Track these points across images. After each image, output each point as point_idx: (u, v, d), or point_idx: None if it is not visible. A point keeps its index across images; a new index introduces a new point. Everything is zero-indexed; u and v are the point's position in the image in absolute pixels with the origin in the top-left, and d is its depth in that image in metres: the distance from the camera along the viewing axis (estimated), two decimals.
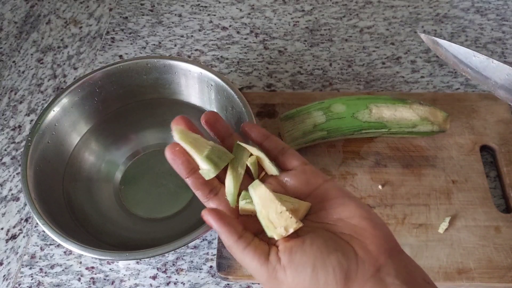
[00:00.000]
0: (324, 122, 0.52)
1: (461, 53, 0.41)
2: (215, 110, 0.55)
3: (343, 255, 0.32)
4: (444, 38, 0.68)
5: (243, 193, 0.36)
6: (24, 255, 0.52)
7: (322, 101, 0.53)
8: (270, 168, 0.37)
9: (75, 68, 0.68)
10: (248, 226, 0.35)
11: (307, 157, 0.55)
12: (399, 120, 0.52)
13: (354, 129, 0.52)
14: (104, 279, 0.50)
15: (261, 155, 0.37)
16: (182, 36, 0.70)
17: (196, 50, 0.69)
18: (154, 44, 0.70)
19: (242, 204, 0.35)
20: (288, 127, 0.52)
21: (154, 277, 0.50)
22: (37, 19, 0.74)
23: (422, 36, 0.43)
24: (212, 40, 0.70)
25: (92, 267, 0.51)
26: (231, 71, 0.66)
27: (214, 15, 0.73)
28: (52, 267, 0.51)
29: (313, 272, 0.31)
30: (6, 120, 0.63)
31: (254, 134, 0.39)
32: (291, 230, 0.33)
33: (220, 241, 0.50)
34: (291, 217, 0.33)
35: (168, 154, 0.37)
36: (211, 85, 0.53)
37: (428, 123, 0.53)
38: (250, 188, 0.35)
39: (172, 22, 0.72)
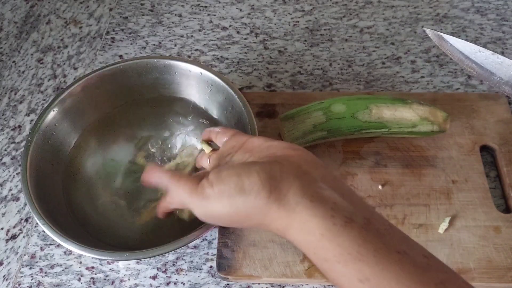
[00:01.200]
0: (324, 122, 0.52)
1: (467, 49, 0.42)
2: (215, 110, 0.55)
3: (265, 163, 0.34)
4: None
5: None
6: (24, 255, 0.52)
7: (322, 101, 0.53)
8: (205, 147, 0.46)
9: (75, 68, 0.68)
10: None
11: None
12: (399, 120, 0.52)
13: (354, 129, 0.52)
14: (104, 279, 0.50)
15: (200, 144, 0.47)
16: (182, 36, 0.70)
17: (196, 50, 0.69)
18: (154, 44, 0.70)
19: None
20: (288, 127, 0.52)
21: (154, 277, 0.50)
22: (37, 19, 0.74)
23: (428, 31, 0.44)
24: (212, 40, 0.70)
25: (92, 267, 0.51)
26: (231, 71, 0.66)
27: (214, 15, 0.73)
28: (52, 267, 0.51)
29: (238, 179, 0.33)
30: (6, 120, 0.63)
31: (203, 134, 0.46)
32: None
33: (220, 241, 0.50)
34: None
35: None
36: (211, 85, 0.53)
37: (428, 123, 0.53)
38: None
39: (172, 22, 0.72)
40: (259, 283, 0.49)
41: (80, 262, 0.51)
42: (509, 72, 0.39)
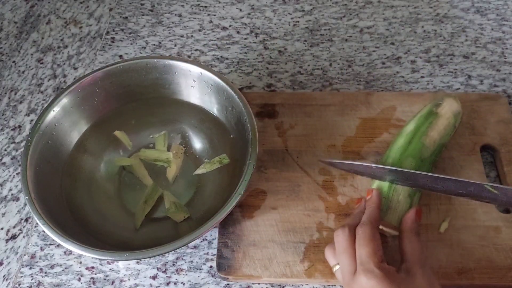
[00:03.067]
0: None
1: (348, 166, 0.49)
2: (215, 110, 0.55)
3: None
4: (444, 38, 0.68)
5: None
6: (24, 255, 0.52)
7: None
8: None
9: (75, 68, 0.68)
10: None
11: (307, 157, 0.56)
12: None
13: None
14: (104, 279, 0.50)
15: None
16: (182, 36, 0.70)
17: (196, 50, 0.69)
18: (154, 44, 0.70)
19: None
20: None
21: (154, 277, 0.50)
22: (37, 19, 0.74)
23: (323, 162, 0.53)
24: (212, 40, 0.70)
25: (92, 267, 0.51)
26: (231, 71, 0.66)
27: (214, 15, 0.73)
28: (52, 267, 0.51)
29: None
30: (6, 120, 0.63)
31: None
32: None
33: (220, 241, 0.50)
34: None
35: None
36: (211, 85, 0.53)
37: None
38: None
39: (172, 22, 0.72)
40: (259, 283, 0.49)
41: (80, 262, 0.51)
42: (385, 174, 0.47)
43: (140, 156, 0.56)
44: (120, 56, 0.69)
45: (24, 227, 0.55)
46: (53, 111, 0.51)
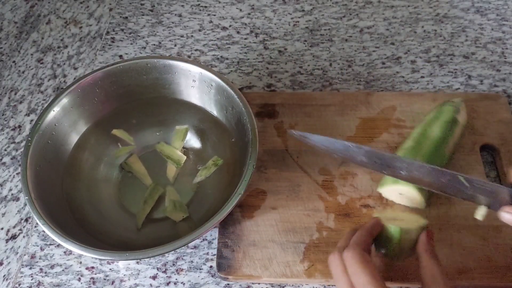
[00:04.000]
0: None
1: (323, 142, 0.47)
2: (215, 110, 0.55)
3: None
4: (444, 38, 0.68)
5: None
6: (24, 255, 0.52)
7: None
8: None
9: (75, 68, 0.68)
10: None
11: (307, 157, 0.56)
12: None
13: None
14: (104, 279, 0.50)
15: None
16: (182, 36, 0.70)
17: (196, 50, 0.69)
18: (154, 44, 0.70)
19: None
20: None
21: (154, 277, 0.50)
22: (37, 19, 0.74)
23: (293, 132, 0.49)
24: (212, 40, 0.70)
25: (92, 267, 0.51)
26: (231, 71, 0.66)
27: (214, 15, 0.73)
28: (52, 267, 0.51)
29: None
30: (6, 120, 0.63)
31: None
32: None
33: (220, 241, 0.50)
34: None
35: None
36: (211, 85, 0.53)
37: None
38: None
39: (172, 22, 0.72)
40: (259, 283, 0.49)
41: (80, 262, 0.51)
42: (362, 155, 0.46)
43: (157, 147, 0.56)
44: (120, 56, 0.69)
45: (24, 227, 0.55)
46: (53, 111, 0.51)
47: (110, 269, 0.51)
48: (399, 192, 0.50)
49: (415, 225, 0.44)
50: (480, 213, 0.44)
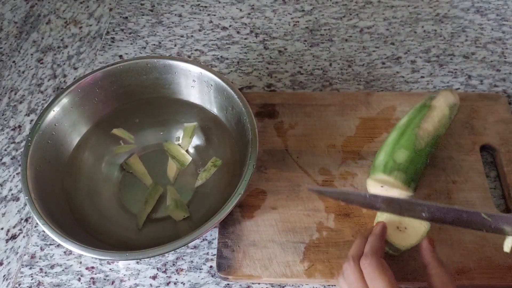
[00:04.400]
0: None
1: (340, 195, 0.47)
2: (215, 110, 0.55)
3: None
4: (444, 38, 0.68)
5: None
6: (24, 255, 0.52)
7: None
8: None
9: (75, 68, 0.68)
10: None
11: (307, 157, 0.56)
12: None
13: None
14: (104, 279, 0.50)
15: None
16: (182, 36, 0.70)
17: (196, 50, 0.69)
18: (154, 44, 0.70)
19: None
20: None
21: (154, 277, 0.50)
22: (37, 19, 0.74)
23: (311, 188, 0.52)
24: (212, 40, 0.70)
25: (92, 267, 0.51)
26: (231, 71, 0.66)
27: (214, 15, 0.73)
28: (52, 267, 0.51)
29: None
30: (6, 120, 0.63)
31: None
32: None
33: (220, 241, 0.50)
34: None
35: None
36: (211, 85, 0.53)
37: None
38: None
39: (172, 22, 0.72)
40: (259, 283, 0.49)
41: (80, 262, 0.51)
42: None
43: (165, 146, 0.56)
44: (120, 56, 0.69)
45: (24, 227, 0.55)
46: (53, 111, 0.51)
47: (110, 269, 0.51)
48: (380, 185, 0.50)
49: (418, 234, 0.45)
50: (508, 245, 0.43)
